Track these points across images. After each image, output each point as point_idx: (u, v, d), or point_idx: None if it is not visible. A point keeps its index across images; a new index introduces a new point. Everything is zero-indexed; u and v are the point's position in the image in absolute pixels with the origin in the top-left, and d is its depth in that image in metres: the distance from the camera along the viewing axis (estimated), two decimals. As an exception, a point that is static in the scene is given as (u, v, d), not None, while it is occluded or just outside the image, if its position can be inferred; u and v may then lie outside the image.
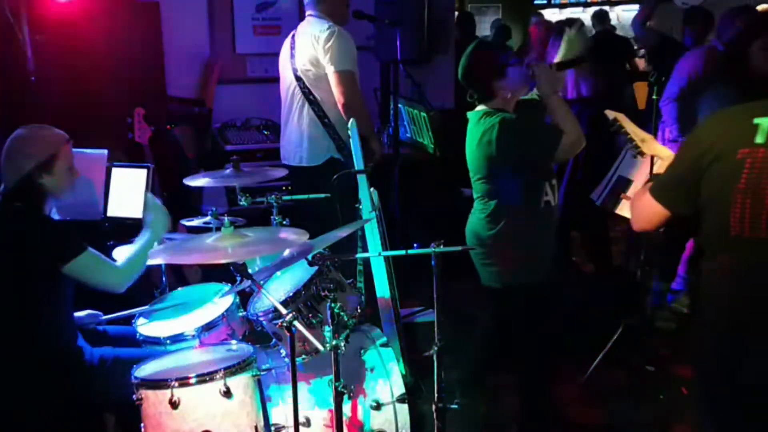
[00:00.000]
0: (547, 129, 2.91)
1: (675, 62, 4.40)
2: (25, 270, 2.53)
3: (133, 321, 2.89)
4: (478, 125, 2.90)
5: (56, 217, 2.96)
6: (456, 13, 7.60)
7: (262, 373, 2.43)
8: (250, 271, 2.58)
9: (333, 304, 2.30)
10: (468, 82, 2.98)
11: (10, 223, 2.58)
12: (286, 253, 2.46)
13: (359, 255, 3.09)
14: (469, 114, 3.01)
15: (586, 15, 9.63)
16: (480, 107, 2.97)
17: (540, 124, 2.99)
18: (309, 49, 3.92)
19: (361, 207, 3.11)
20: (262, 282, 2.48)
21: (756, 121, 1.96)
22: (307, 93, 3.96)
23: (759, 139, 1.94)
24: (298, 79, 3.99)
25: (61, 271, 2.54)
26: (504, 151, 2.82)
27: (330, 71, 3.85)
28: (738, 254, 2.01)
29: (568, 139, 2.81)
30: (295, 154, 4.11)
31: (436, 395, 2.57)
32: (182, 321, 2.83)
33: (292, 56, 4.04)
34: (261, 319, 2.61)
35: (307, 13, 4.06)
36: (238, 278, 2.64)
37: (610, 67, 5.42)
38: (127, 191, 3.55)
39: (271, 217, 3.19)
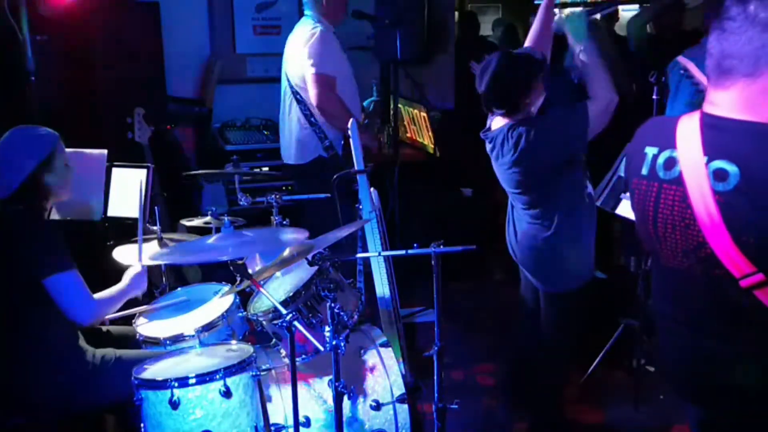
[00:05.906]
0: (571, 111, 2.72)
1: None
2: (22, 272, 2.52)
3: (133, 321, 2.89)
4: (506, 142, 2.77)
5: (56, 217, 2.95)
6: (456, 12, 7.59)
7: (262, 373, 2.43)
8: (250, 271, 2.58)
9: (333, 304, 2.30)
10: (494, 99, 2.80)
11: (9, 225, 2.56)
12: (286, 253, 2.46)
13: (359, 255, 3.09)
14: (487, 135, 2.88)
15: (586, 15, 9.62)
16: (498, 123, 2.85)
17: (562, 112, 2.80)
18: (295, 50, 3.96)
19: (361, 207, 3.11)
20: (262, 282, 2.48)
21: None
22: (295, 93, 3.99)
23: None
24: (288, 79, 4.03)
25: (41, 283, 2.49)
26: (545, 153, 2.71)
27: (308, 72, 3.87)
28: None
29: (596, 106, 2.63)
30: (287, 153, 4.16)
31: (436, 395, 2.57)
32: (182, 321, 2.83)
33: (285, 56, 4.09)
34: (261, 319, 2.61)
35: (304, 11, 4.09)
36: (238, 278, 2.64)
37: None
38: (127, 191, 3.56)
39: (271, 217, 3.19)
